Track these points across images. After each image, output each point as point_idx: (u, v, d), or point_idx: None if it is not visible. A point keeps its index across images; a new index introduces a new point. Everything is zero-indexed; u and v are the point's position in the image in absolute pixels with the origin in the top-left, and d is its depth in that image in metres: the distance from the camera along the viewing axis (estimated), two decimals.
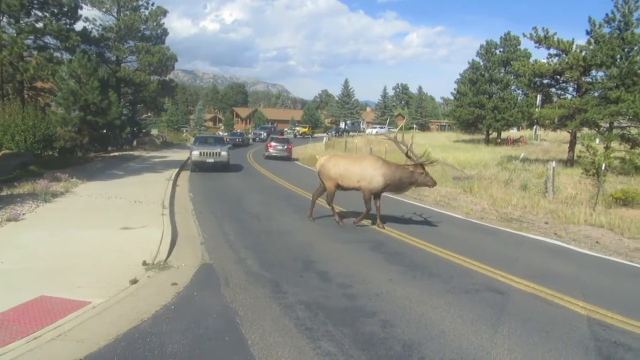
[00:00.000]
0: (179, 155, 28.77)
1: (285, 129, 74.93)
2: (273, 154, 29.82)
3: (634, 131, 19.62)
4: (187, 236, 8.81)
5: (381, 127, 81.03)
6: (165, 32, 34.96)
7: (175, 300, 5.44)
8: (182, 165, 22.66)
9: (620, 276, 7.24)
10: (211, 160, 20.53)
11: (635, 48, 19.21)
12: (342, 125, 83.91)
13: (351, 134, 63.97)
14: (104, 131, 27.50)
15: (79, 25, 28.52)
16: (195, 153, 20.59)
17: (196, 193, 14.64)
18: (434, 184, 10.11)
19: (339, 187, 10.24)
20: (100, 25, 31.85)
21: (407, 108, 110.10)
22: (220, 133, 58.91)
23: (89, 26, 30.85)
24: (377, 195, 9.98)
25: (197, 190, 15.38)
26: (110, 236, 8.26)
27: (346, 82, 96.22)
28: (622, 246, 9.16)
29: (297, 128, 73.69)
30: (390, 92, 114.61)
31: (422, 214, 11.79)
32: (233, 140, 40.42)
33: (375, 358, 4.18)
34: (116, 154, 27.91)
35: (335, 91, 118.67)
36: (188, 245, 8.10)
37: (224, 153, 20.86)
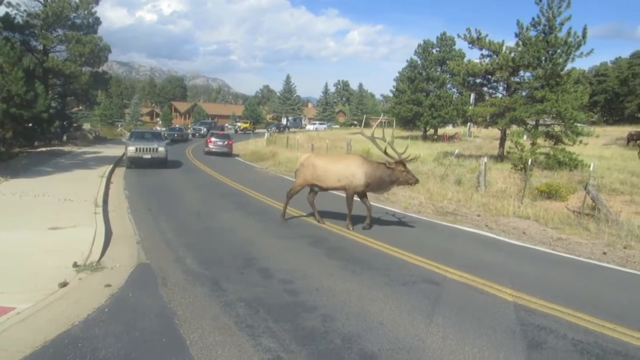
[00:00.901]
0: (114, 151, 27.61)
1: (226, 125, 73.74)
2: (213, 150, 29.30)
3: (557, 129, 20.92)
4: (122, 235, 8.48)
5: (321, 124, 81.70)
6: (97, 22, 33.30)
7: (109, 303, 5.24)
8: (117, 162, 21.78)
9: (544, 264, 7.72)
10: (148, 156, 19.85)
11: (558, 51, 20.47)
12: (283, 121, 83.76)
13: (292, 129, 64.02)
14: (30, 125, 25.81)
15: (0, 10, 26.63)
16: (131, 149, 19.81)
17: (132, 190, 14.12)
18: (416, 181, 9.66)
19: (316, 187, 9.92)
20: (25, 11, 29.74)
21: (348, 105, 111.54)
22: (158, 128, 56.94)
23: (12, 11, 28.79)
24: (362, 195, 9.72)
25: (133, 187, 14.83)
26: (38, 237, 7.79)
27: (288, 77, 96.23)
28: (546, 236, 9.78)
29: (238, 124, 72.80)
30: (332, 89, 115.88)
31: (363, 210, 11.98)
32: (171, 136, 39.27)
33: (316, 352, 4.23)
34: (44, 149, 26.35)
35: (277, 87, 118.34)
36: (123, 245, 7.80)
37: (161, 149, 20.22)
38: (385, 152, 9.59)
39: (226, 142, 29.91)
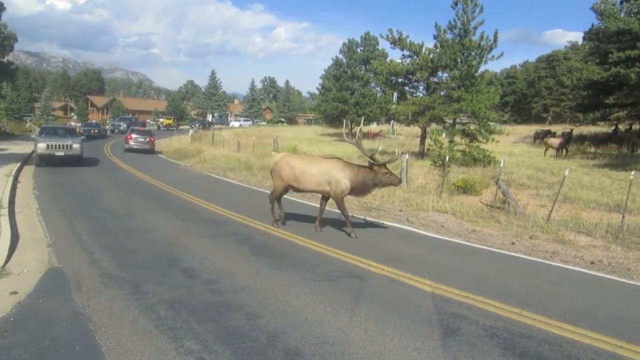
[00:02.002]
0: (22, 147, 25.58)
1: (148, 121, 70.88)
2: (134, 147, 28.05)
3: (472, 127, 22.16)
4: (31, 239, 7.90)
5: (245, 120, 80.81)
6: (1, 7, 30.65)
7: (15, 311, 4.87)
8: (26, 159, 20.22)
9: (460, 255, 8.17)
10: (61, 153, 18.58)
11: (473, 53, 21.69)
12: (209, 117, 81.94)
13: (217, 126, 62.82)
14: None
15: None
16: (42, 145, 18.43)
17: (42, 190, 13.17)
18: (400, 181, 9.58)
19: (292, 188, 9.52)
20: None
21: (275, 101, 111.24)
22: (73, 123, 53.54)
23: None
24: (326, 197, 9.40)
25: (43, 187, 13.84)
26: None
27: (213, 73, 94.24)
28: (462, 229, 10.35)
29: (161, 120, 70.09)
30: (259, 85, 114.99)
31: (290, 207, 12.02)
32: (87, 132, 37.14)
33: (240, 351, 4.20)
34: None
35: (202, 82, 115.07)
36: (32, 249, 7.27)
37: (75, 145, 19.02)
38: (372, 158, 9.21)
39: (148, 139, 28.76)
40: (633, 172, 11.30)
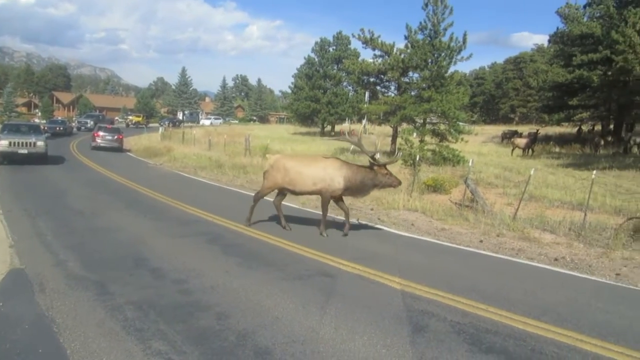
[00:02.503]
0: None
1: (116, 118, 69.31)
2: (101, 145, 27.42)
3: (442, 127, 22.51)
4: None
5: (216, 119, 79.97)
6: None
7: None
8: None
9: (429, 253, 8.31)
10: (24, 151, 18.01)
11: (442, 54, 22.03)
12: (179, 115, 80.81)
13: (187, 124, 62.01)
14: None
15: None
16: (4, 143, 17.81)
17: (4, 189, 12.74)
18: (399, 183, 9.38)
19: (287, 191, 9.29)
20: None
21: (247, 100, 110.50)
22: (37, 120, 51.88)
23: None
24: (338, 198, 9.21)
25: (5, 186, 13.39)
26: None
27: (183, 70, 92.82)
28: (432, 227, 10.52)
29: (130, 117, 68.75)
30: (230, 83, 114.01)
31: (261, 206, 11.96)
32: (52, 129, 36.07)
33: (209, 351, 4.16)
34: None
35: (173, 79, 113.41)
36: None
37: (40, 143, 18.47)
38: (373, 158, 9.12)
39: (116, 137, 28.17)
40: (595, 172, 11.70)
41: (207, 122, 72.92)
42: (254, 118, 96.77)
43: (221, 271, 6.49)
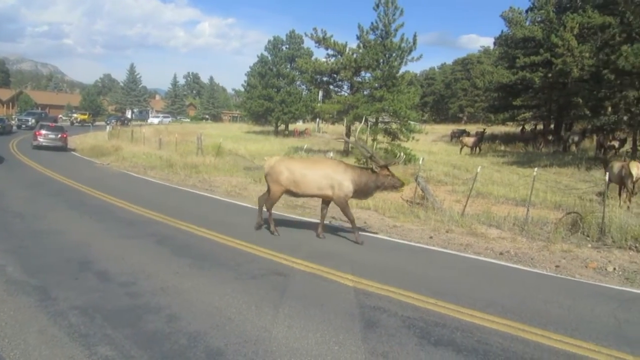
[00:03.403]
0: None
1: (60, 116, 66.29)
2: (44, 144, 26.14)
3: (394, 126, 22.98)
4: None
5: (165, 117, 78.00)
6: None
7: None
8: None
9: (382, 250, 8.44)
10: None
11: (394, 54, 22.48)
12: (128, 114, 78.30)
13: (137, 122, 60.18)
14: None
15: None
16: None
17: None
18: (402, 184, 9.16)
19: (289, 193, 9.06)
20: None
21: (199, 98, 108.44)
22: None
23: None
24: (327, 202, 9.03)
25: None
26: None
27: (132, 67, 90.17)
28: (384, 224, 10.71)
29: (75, 115, 65.85)
30: (182, 81, 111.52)
31: (214, 205, 11.82)
32: None
33: (159, 355, 4.07)
34: None
35: (121, 76, 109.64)
36: None
37: None
38: (371, 158, 8.95)
39: (59, 135, 26.93)
40: (536, 169, 12.27)
41: (155, 121, 70.83)
42: (207, 116, 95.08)
43: (171, 272, 6.34)
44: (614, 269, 7.74)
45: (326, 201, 9.04)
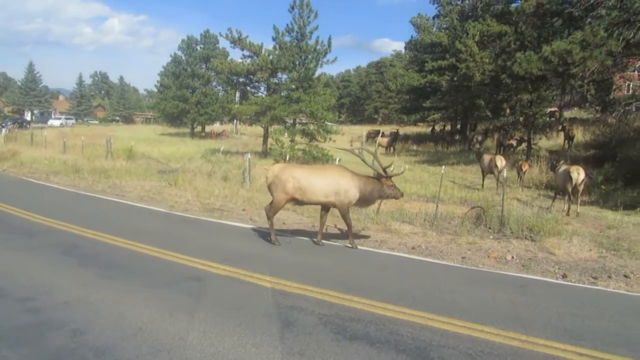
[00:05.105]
0: None
1: None
2: None
3: (311, 127, 23.25)
4: None
5: (67, 118, 72.92)
6: None
7: None
8: None
9: (300, 250, 8.50)
10: None
11: (309, 56, 22.77)
12: (27, 115, 72.36)
13: (36, 125, 55.81)
14: None
15: None
16: None
17: None
18: (402, 195, 9.22)
19: (293, 201, 8.69)
20: None
21: (108, 99, 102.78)
22: None
23: None
24: (327, 208, 8.87)
25: None
26: None
27: (31, 65, 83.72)
28: (302, 224, 10.82)
29: None
30: (88, 81, 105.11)
31: (125, 211, 11.27)
32: None
33: None
34: None
35: (18, 75, 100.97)
36: None
37: None
38: (384, 170, 8.87)
39: None
40: (444, 167, 13.00)
41: (56, 123, 65.40)
42: (117, 118, 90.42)
43: (77, 284, 5.96)
44: (512, 257, 8.41)
45: (326, 207, 8.98)
